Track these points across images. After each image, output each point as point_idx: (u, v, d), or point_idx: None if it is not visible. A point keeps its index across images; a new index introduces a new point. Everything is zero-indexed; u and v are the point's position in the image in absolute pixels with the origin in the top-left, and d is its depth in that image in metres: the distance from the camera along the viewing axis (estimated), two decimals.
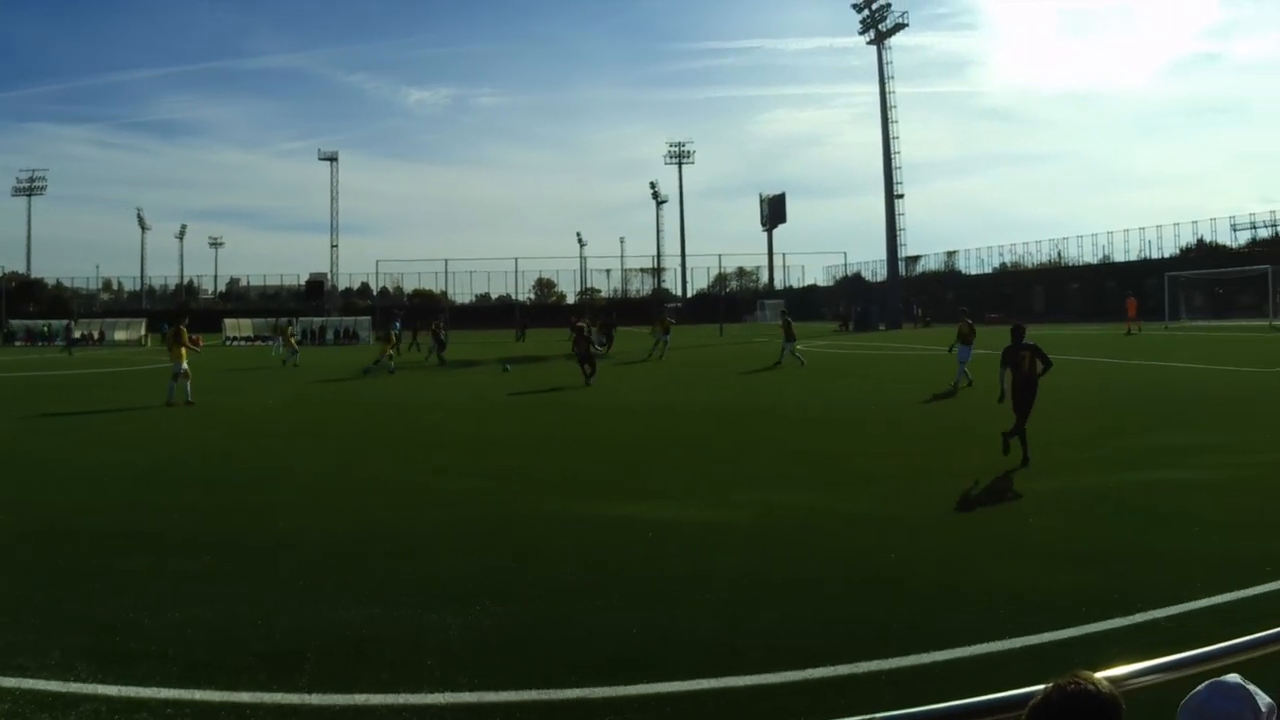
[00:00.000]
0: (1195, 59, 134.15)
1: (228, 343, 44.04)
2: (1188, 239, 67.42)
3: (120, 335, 48.21)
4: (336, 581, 5.42)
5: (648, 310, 54.54)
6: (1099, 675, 1.42)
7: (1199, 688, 1.50)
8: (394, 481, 8.97)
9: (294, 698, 3.72)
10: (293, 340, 30.12)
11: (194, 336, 17.84)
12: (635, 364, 25.72)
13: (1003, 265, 78.81)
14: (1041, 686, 1.40)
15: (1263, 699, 1.44)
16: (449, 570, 5.70)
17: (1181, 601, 4.63)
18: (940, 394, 15.90)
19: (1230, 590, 4.77)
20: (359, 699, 3.71)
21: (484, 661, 4.04)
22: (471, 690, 3.76)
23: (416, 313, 49.01)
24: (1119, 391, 16.22)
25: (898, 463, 9.46)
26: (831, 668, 3.94)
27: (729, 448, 10.87)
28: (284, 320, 35.35)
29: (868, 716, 1.59)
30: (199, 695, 3.74)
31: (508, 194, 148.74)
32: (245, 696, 3.73)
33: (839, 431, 12.29)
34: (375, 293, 74.52)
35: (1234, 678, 1.49)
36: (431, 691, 3.76)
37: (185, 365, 16.28)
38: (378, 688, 3.78)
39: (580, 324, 21.08)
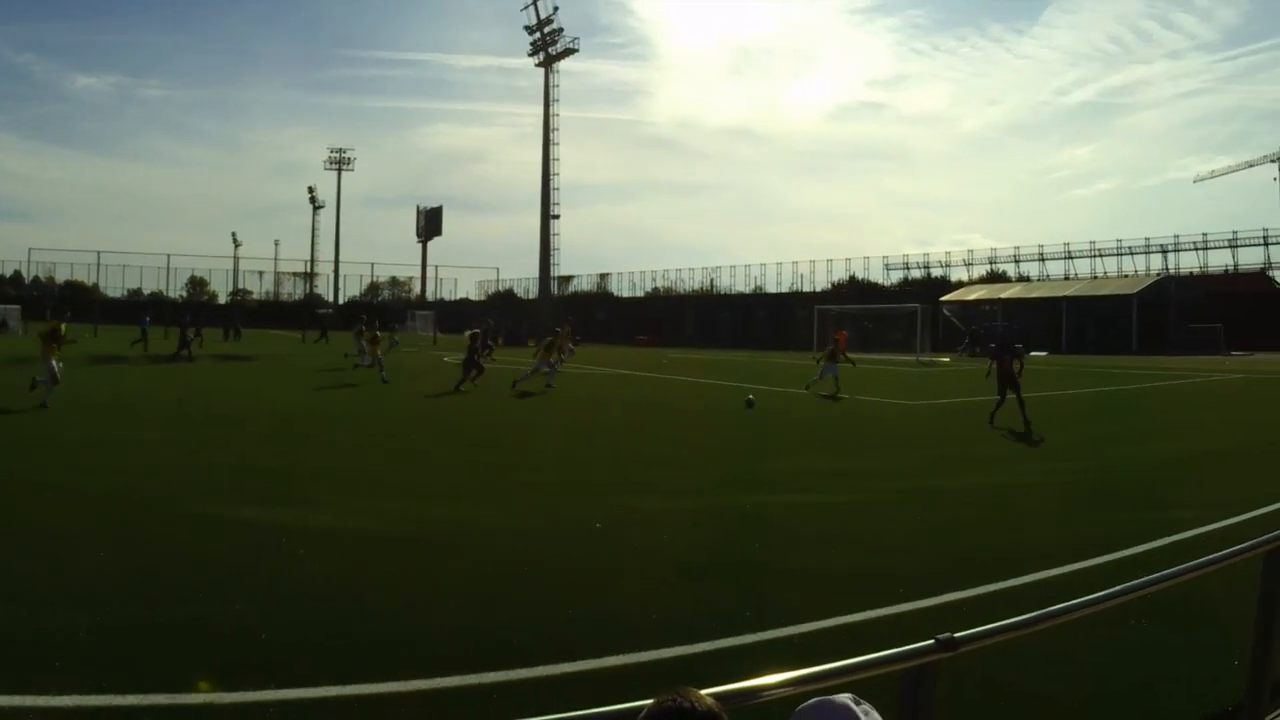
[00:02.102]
0: (862, 107, 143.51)
1: None
2: (841, 275, 71.17)
3: None
4: None
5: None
6: (706, 691, 1.44)
7: (809, 701, 1.55)
8: (32, 479, 8.82)
9: None
10: None
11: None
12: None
13: (656, 289, 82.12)
14: (647, 702, 1.43)
15: (874, 717, 1.50)
16: (80, 570, 5.68)
17: (813, 619, 5.02)
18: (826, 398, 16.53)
19: (861, 610, 5.21)
20: None
21: (112, 664, 4.14)
22: (99, 693, 3.87)
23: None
24: (764, 416, 16.95)
25: (556, 476, 9.94)
26: (461, 677, 4.19)
27: (385, 459, 11.26)
28: None
29: None
30: None
31: (165, 188, 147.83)
32: None
33: (505, 445, 12.72)
34: (28, 281, 72.94)
35: (844, 696, 1.54)
36: (59, 694, 3.83)
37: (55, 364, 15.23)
38: (2, 689, 3.85)
39: (476, 330, 23.76)
